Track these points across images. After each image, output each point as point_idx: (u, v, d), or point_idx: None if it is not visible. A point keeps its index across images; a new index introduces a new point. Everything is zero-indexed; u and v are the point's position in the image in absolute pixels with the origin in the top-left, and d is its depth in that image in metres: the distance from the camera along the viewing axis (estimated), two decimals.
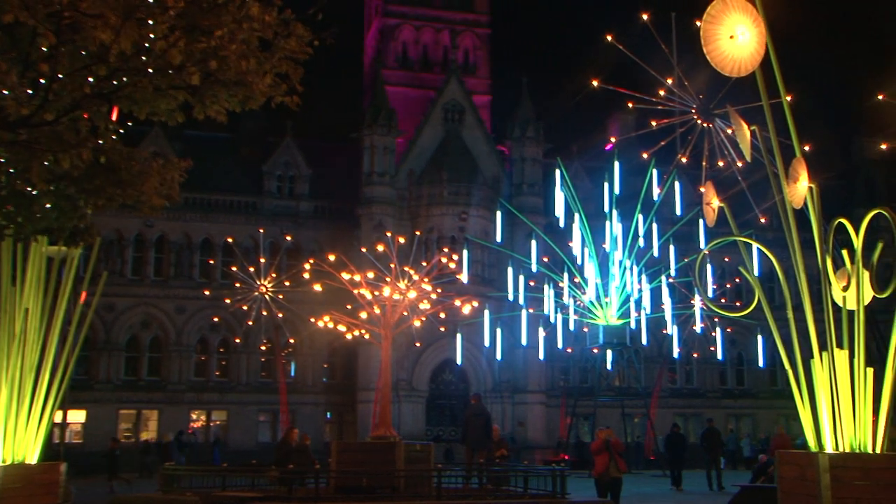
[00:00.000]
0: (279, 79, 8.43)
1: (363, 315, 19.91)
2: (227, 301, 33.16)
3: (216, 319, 42.97)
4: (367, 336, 21.13)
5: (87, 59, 7.73)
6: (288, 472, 16.95)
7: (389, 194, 45.04)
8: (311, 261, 21.97)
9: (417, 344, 40.49)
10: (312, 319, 24.13)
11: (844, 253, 9.99)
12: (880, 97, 16.60)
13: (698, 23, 9.54)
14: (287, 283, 31.78)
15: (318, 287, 20.97)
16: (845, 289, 9.68)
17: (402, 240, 22.87)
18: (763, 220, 22.25)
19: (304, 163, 47.89)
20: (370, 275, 19.50)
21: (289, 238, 40.79)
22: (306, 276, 21.95)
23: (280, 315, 33.37)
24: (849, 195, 47.83)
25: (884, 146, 17.78)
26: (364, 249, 29.37)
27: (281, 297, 32.54)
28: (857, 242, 9.74)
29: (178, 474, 17.57)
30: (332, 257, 20.31)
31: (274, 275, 32.51)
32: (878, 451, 9.31)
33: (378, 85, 47.61)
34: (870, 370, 9.45)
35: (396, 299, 18.61)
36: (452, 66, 49.39)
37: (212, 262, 44.14)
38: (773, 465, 22.15)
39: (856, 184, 50.70)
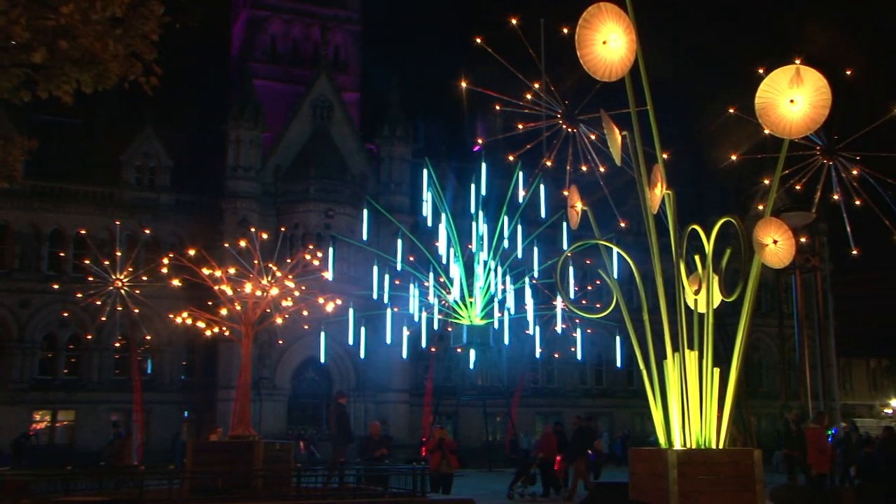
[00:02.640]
0: (134, 58, 8.00)
1: (224, 312, 19.36)
2: (79, 295, 31.54)
3: (65, 315, 40.84)
4: (227, 333, 20.56)
5: None
6: (139, 472, 16.29)
7: (255, 189, 44.11)
8: (171, 255, 21.20)
9: (280, 342, 39.85)
10: (171, 316, 23.30)
11: (697, 258, 10.40)
12: (731, 111, 17.42)
13: (566, 30, 9.71)
14: (144, 278, 30.54)
15: (176, 282, 20.27)
16: (697, 292, 10.08)
17: (265, 235, 22.37)
18: (623, 225, 22.99)
19: (166, 154, 46.23)
20: (231, 270, 18.96)
21: (147, 231, 39.22)
22: (165, 270, 21.14)
23: (136, 311, 32.01)
24: (703, 203, 50.17)
25: (734, 157, 18.68)
26: (227, 245, 28.63)
27: (137, 292, 31.23)
28: (709, 248, 10.16)
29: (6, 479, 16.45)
30: (192, 252, 19.66)
31: (130, 269, 31.16)
32: (720, 446, 9.75)
33: (245, 78, 46.55)
34: (716, 370, 9.87)
35: (258, 296, 18.18)
36: (322, 61, 48.85)
37: (62, 254, 41.91)
38: (535, 463, 23.07)
39: (709, 192, 53.14)
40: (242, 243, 21.70)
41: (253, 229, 27.85)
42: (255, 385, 40.23)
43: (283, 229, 36.30)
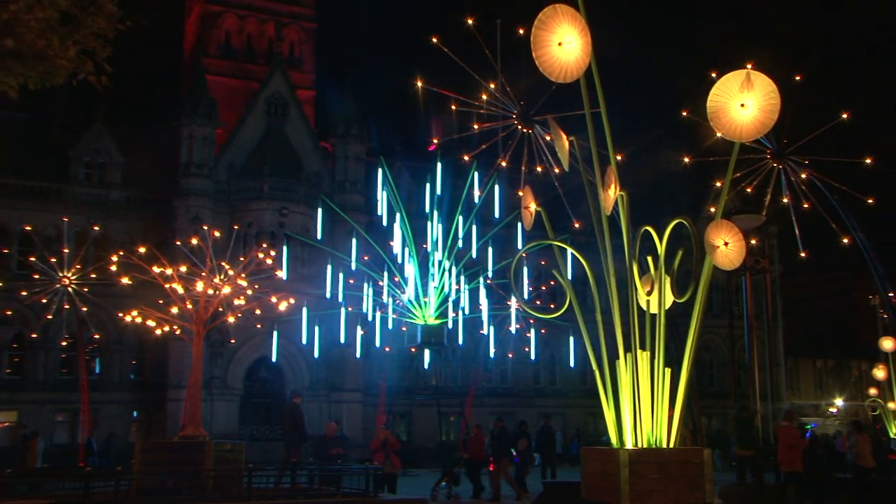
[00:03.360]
0: (85, 55, 7.84)
1: (175, 310, 19.09)
2: (24, 293, 30.87)
3: (9, 313, 39.88)
4: (178, 332, 20.29)
5: None
6: (85, 473, 15.99)
7: (207, 186, 43.59)
8: (121, 252, 20.85)
9: (232, 341, 39.46)
10: (120, 314, 22.93)
11: (650, 259, 10.50)
12: (684, 113, 17.65)
13: (522, 31, 9.73)
14: (93, 276, 29.99)
15: (126, 280, 19.96)
16: (649, 293, 10.17)
17: (217, 233, 22.09)
18: (577, 226, 23.14)
19: (116, 150, 45.48)
20: (183, 269, 18.71)
21: (97, 228, 38.56)
22: (114, 268, 20.79)
23: (84, 309, 31.46)
24: (656, 204, 50.71)
25: (686, 159, 18.90)
26: (179, 242, 28.25)
27: (86, 290, 30.67)
28: (661, 249, 10.25)
29: None
30: (142, 249, 19.35)
31: (79, 266, 30.58)
32: (671, 446, 9.85)
33: (198, 73, 45.97)
34: (668, 370, 9.97)
35: (210, 294, 17.95)
36: (277, 58, 48.47)
37: (6, 251, 40.94)
38: (459, 463, 23.16)
39: (663, 193, 53.76)
40: (195, 241, 21.41)
41: (206, 227, 27.44)
42: (206, 384, 39.75)
43: (236, 227, 35.82)
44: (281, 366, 42.80)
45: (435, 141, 30.22)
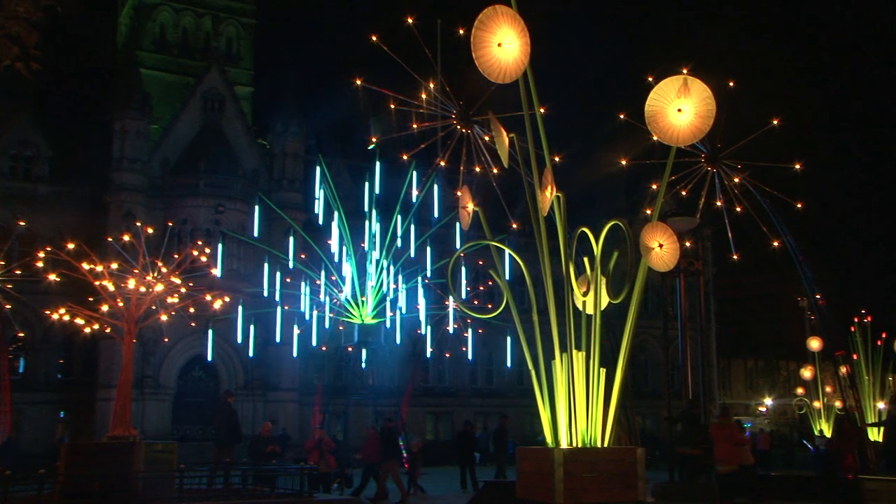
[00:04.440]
0: (9, 41, 7.54)
1: (105, 308, 18.64)
2: None
3: None
4: (108, 330, 19.82)
5: None
6: (3, 477, 15.48)
7: (141, 182, 42.70)
8: (48, 248, 20.26)
9: (165, 339, 38.73)
10: (47, 312, 22.30)
11: (586, 260, 10.57)
12: (622, 116, 17.83)
13: (462, 31, 9.70)
14: (18, 272, 29.09)
15: (53, 277, 19.40)
16: (585, 294, 10.24)
17: (150, 230, 21.63)
18: (515, 226, 23.23)
19: (45, 143, 44.23)
20: (114, 266, 18.27)
21: (22, 223, 37.38)
22: (41, 264, 20.20)
23: (8, 306, 30.52)
24: (594, 206, 51.22)
25: (624, 162, 19.11)
26: (110, 239, 27.59)
27: (10, 286, 29.74)
28: (597, 251, 10.33)
29: None
30: (71, 245, 18.83)
31: (2, 262, 29.64)
32: (605, 445, 9.93)
33: (132, 66, 45.04)
34: (603, 370, 10.05)
35: (142, 292, 17.56)
36: (214, 53, 47.73)
37: None
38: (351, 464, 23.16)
39: (601, 195, 54.26)
40: (127, 238, 20.91)
41: (139, 223, 26.86)
42: (138, 384, 38.93)
43: (170, 224, 35.30)
44: (216, 365, 42.16)
45: (373, 140, 30.01)
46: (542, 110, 10.30)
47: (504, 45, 9.18)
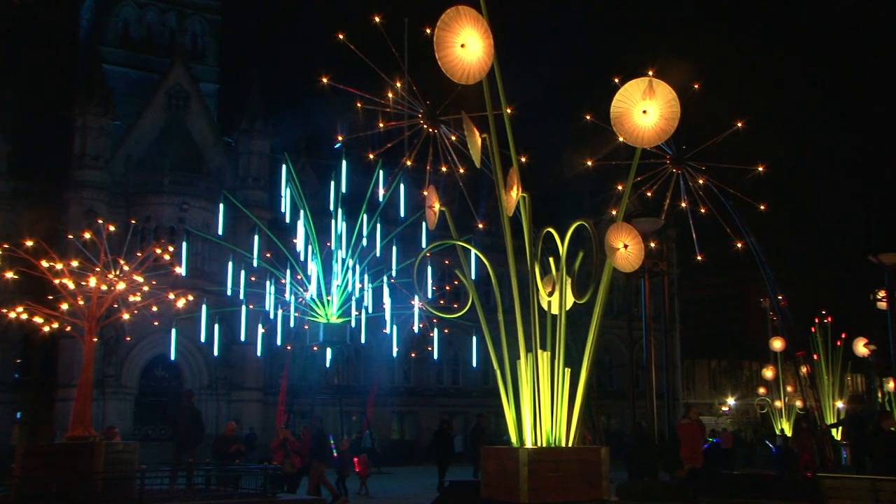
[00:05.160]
0: None
1: (65, 306, 18.33)
2: None
3: None
4: (68, 329, 19.50)
5: None
6: None
7: (103, 179, 42.13)
8: (5, 245, 19.88)
9: (127, 338, 38.25)
10: (4, 310, 21.87)
11: (551, 260, 10.59)
12: (588, 118, 17.90)
13: (427, 31, 9.66)
14: None
15: (10, 275, 19.06)
16: (550, 294, 10.25)
17: (112, 227, 21.30)
18: (481, 226, 23.26)
19: (3, 138, 43.45)
20: (74, 263, 17.98)
21: None
22: None
23: None
24: (559, 206, 51.42)
25: (589, 162, 19.19)
26: (71, 236, 27.16)
27: None
28: (562, 251, 10.35)
29: None
30: (30, 242, 18.49)
31: None
32: (569, 445, 9.95)
33: (94, 62, 44.39)
34: (568, 370, 10.07)
35: (104, 291, 17.30)
36: (179, 49, 47.23)
37: None
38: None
39: (565, 195, 54.53)
40: (88, 235, 20.59)
41: (101, 221, 26.45)
42: (99, 383, 38.40)
43: (133, 222, 34.90)
44: (179, 364, 41.74)
45: (340, 138, 29.85)
46: (508, 110, 10.29)
47: (467, 46, 9.15)
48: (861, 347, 32.69)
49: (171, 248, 23.60)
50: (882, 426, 14.92)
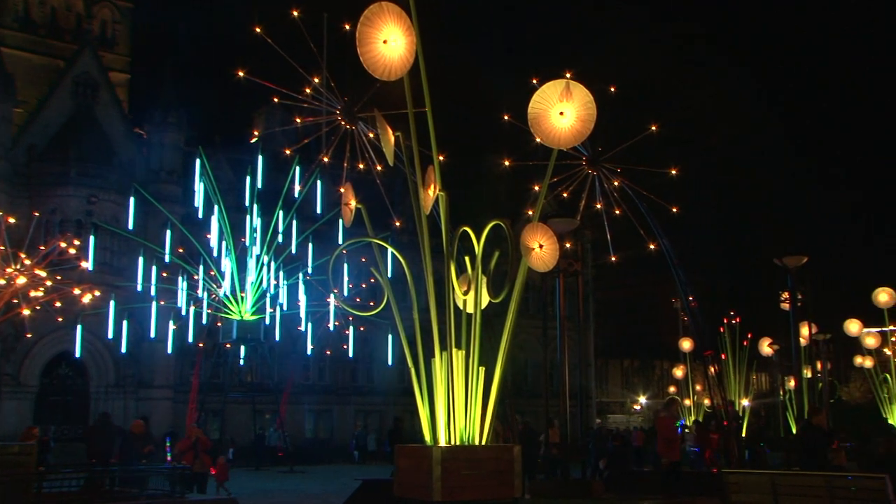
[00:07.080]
0: None
1: None
2: None
3: None
4: None
5: None
6: None
7: (3, 169, 40.45)
8: None
9: (28, 335, 36.82)
10: None
11: (467, 259, 10.59)
12: (506, 117, 18.03)
13: (348, 27, 9.54)
14: None
15: None
16: (466, 293, 10.25)
17: (12, 220, 20.53)
18: (398, 224, 23.21)
19: None
20: None
21: None
22: None
23: None
24: (477, 205, 51.65)
25: (507, 163, 19.32)
26: None
27: None
28: (478, 250, 10.36)
29: None
30: None
31: None
32: (483, 443, 9.97)
33: None
34: (482, 369, 10.09)
35: (2, 285, 16.63)
36: (87, 36, 45.71)
37: None
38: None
39: (483, 195, 54.79)
40: None
41: (0, 213, 25.45)
42: None
43: (37, 214, 33.68)
44: (84, 361, 40.38)
45: (255, 133, 29.40)
46: (427, 108, 10.24)
47: (389, 43, 9.08)
48: (766, 347, 33.84)
49: (77, 242, 22.92)
50: (812, 422, 15.62)
